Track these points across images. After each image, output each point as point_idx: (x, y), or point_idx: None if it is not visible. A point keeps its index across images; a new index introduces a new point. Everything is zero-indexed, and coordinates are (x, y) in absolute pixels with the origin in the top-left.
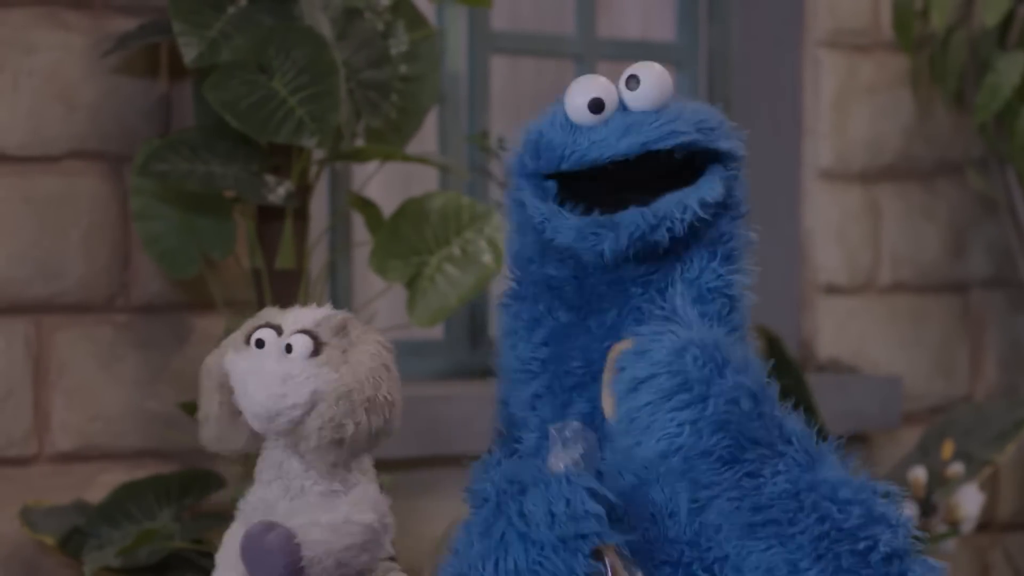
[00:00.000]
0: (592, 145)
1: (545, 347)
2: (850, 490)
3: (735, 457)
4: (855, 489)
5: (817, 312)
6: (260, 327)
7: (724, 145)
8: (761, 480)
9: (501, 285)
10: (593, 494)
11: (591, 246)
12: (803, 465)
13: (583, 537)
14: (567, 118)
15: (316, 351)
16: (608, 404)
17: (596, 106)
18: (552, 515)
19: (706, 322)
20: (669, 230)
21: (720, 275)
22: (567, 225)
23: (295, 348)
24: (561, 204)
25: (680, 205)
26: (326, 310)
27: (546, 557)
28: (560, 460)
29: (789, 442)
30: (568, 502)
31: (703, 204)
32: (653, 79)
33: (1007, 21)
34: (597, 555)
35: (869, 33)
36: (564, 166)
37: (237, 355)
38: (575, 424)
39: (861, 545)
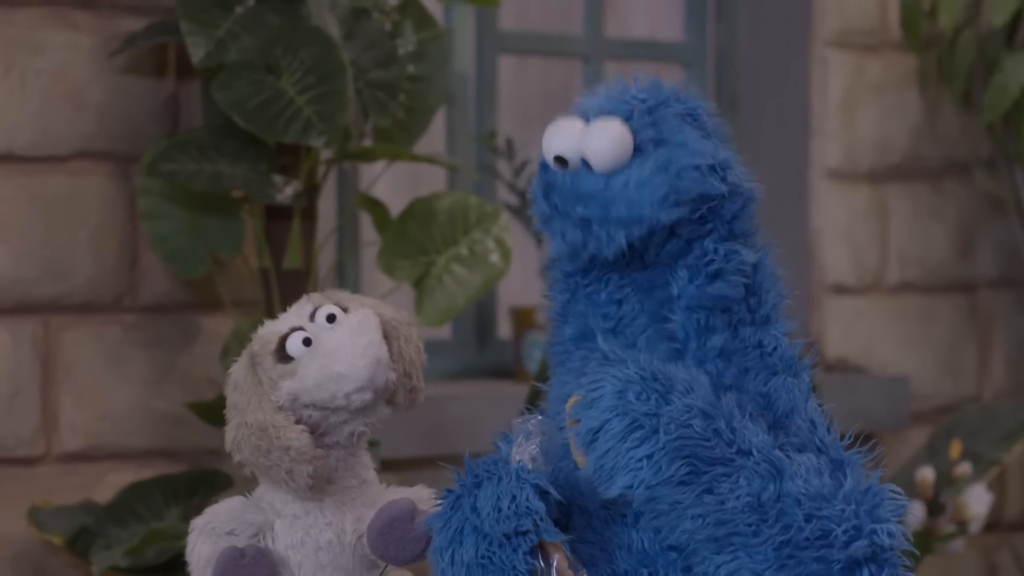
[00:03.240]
0: (549, 204)
1: (554, 323)
2: (816, 498)
3: (694, 480)
4: (824, 496)
5: (825, 312)
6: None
7: (664, 217)
8: (721, 496)
9: (508, 284)
10: (539, 491)
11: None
12: (766, 476)
13: (523, 534)
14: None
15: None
16: (577, 455)
17: (560, 162)
18: (499, 510)
19: (699, 332)
20: (593, 255)
21: (705, 292)
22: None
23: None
24: None
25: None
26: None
27: (493, 552)
28: (520, 454)
29: (749, 454)
30: (514, 498)
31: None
32: (602, 154)
33: (1015, 21)
34: (544, 551)
35: (877, 33)
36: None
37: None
38: (537, 417)
39: (822, 552)
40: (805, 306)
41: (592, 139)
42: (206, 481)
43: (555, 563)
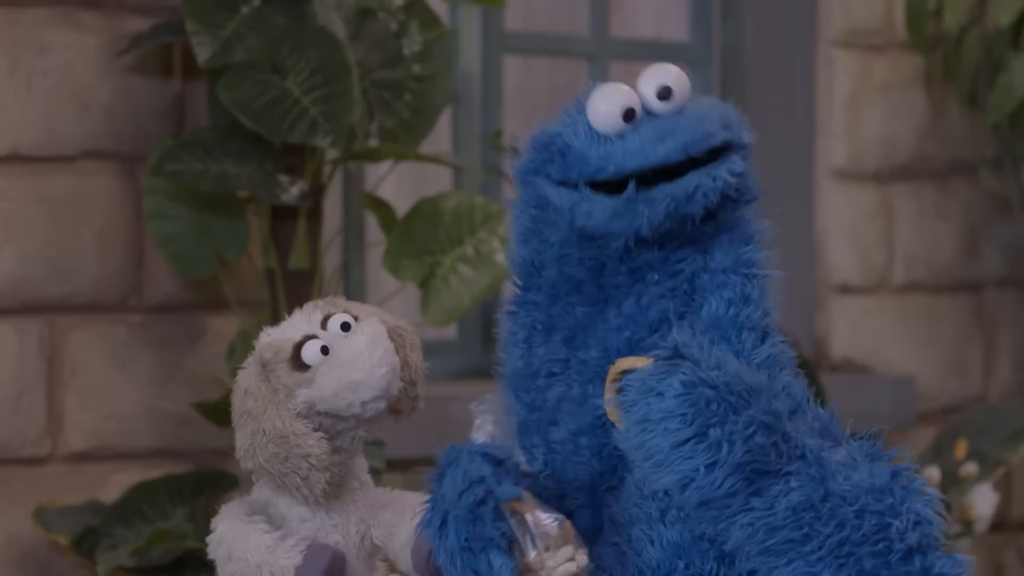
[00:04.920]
0: (628, 155)
1: (564, 347)
2: (866, 493)
3: (744, 489)
4: (871, 491)
5: (831, 312)
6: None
7: (746, 138)
8: (772, 499)
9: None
10: (490, 458)
11: (627, 223)
12: (816, 478)
13: (481, 502)
14: (591, 128)
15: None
16: (615, 417)
17: (629, 115)
18: (458, 490)
19: (732, 308)
20: (704, 196)
21: (740, 257)
22: (601, 205)
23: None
24: None
25: (709, 175)
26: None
27: (469, 531)
28: (477, 433)
29: (803, 457)
30: (465, 473)
31: (732, 173)
32: (681, 85)
33: (1021, 21)
34: (514, 512)
35: (882, 33)
36: (601, 176)
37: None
38: (489, 396)
39: (880, 546)
40: (811, 306)
41: (662, 74)
42: (212, 481)
43: (529, 520)
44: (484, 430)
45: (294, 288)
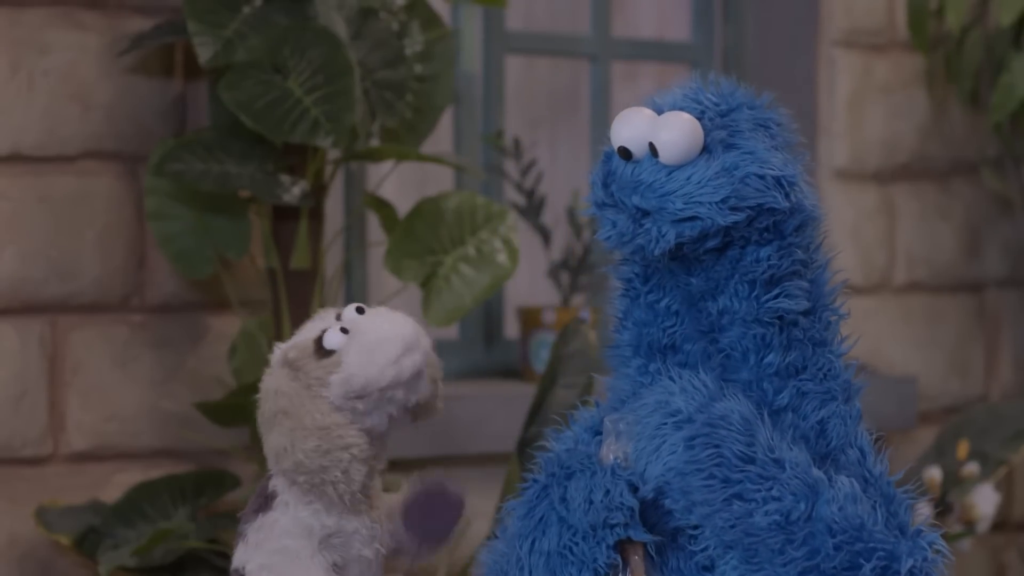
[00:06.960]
0: (619, 189)
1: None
2: (849, 529)
3: (726, 476)
4: (855, 528)
5: None
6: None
7: (719, 220)
8: (752, 505)
9: (516, 284)
10: (632, 488)
11: (640, 242)
12: (798, 495)
13: (612, 527)
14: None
15: None
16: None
17: (625, 155)
18: (590, 502)
19: (756, 349)
20: (641, 248)
21: (761, 304)
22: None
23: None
24: None
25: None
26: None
27: (576, 543)
28: (611, 451)
29: (783, 468)
30: (607, 492)
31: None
32: (671, 144)
33: (1022, 21)
34: (623, 551)
35: (884, 33)
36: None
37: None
38: (630, 417)
39: None
40: None
41: (663, 129)
42: (213, 481)
43: (633, 565)
44: (620, 450)
45: (295, 288)
